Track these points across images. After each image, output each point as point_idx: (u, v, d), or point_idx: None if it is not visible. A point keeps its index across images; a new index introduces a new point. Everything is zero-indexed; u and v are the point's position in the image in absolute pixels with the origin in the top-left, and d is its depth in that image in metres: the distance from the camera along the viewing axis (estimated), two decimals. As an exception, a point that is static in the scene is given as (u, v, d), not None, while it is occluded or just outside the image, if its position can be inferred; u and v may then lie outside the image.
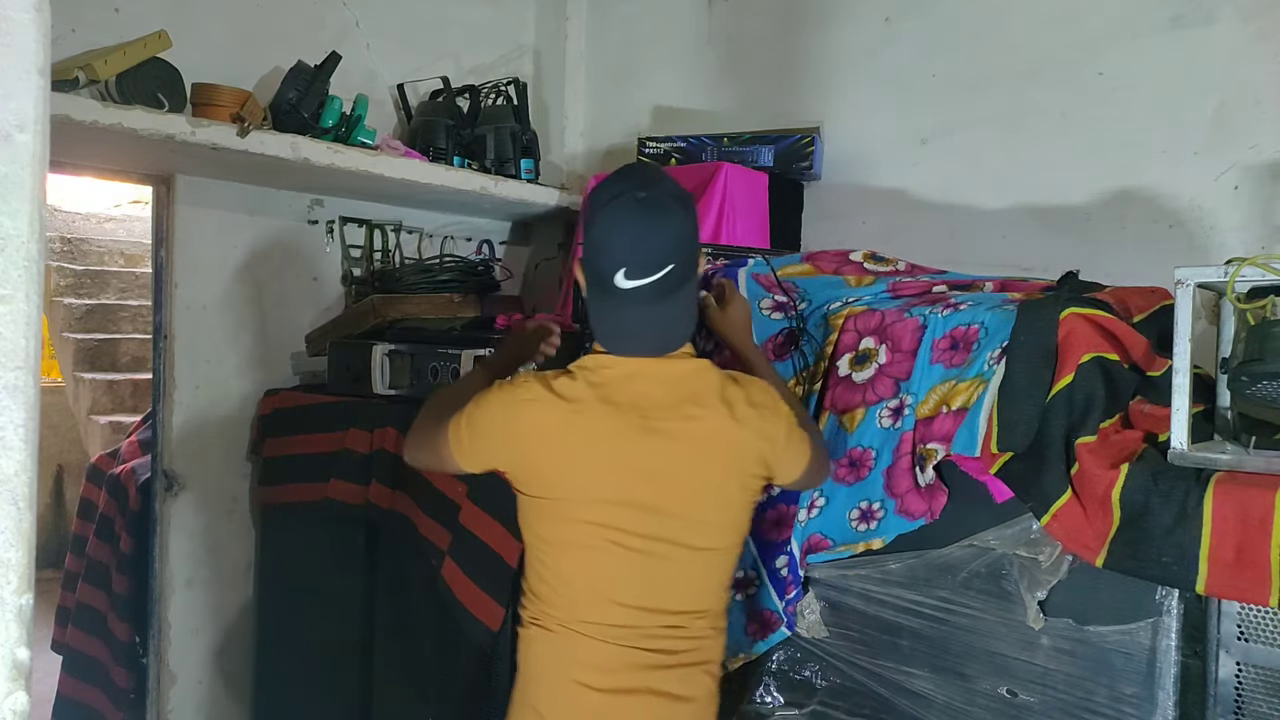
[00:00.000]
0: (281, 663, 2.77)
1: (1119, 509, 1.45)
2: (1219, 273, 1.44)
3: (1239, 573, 1.37)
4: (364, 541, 2.51)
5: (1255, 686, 1.44)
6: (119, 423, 4.85)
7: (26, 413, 0.70)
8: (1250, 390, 1.42)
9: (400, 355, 2.50)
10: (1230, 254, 1.51)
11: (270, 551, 2.81)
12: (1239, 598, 1.41)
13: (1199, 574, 1.40)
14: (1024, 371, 1.54)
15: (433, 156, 2.81)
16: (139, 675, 2.81)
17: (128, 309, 5.70)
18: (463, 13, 3.26)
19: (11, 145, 0.70)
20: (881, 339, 1.80)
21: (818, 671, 1.78)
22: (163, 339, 2.65)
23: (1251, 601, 1.41)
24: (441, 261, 2.93)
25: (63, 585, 3.26)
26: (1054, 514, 1.50)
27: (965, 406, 1.58)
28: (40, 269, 0.72)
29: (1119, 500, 1.45)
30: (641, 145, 2.93)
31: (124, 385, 5.22)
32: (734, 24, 3.06)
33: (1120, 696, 1.52)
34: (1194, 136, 2.23)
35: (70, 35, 2.23)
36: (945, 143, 2.60)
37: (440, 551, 2.23)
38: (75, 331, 5.39)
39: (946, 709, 1.68)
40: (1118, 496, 1.45)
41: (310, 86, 2.51)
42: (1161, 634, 1.48)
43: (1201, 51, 2.22)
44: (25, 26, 0.70)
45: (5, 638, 0.69)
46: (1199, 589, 1.41)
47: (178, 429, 2.66)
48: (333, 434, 2.54)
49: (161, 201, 2.64)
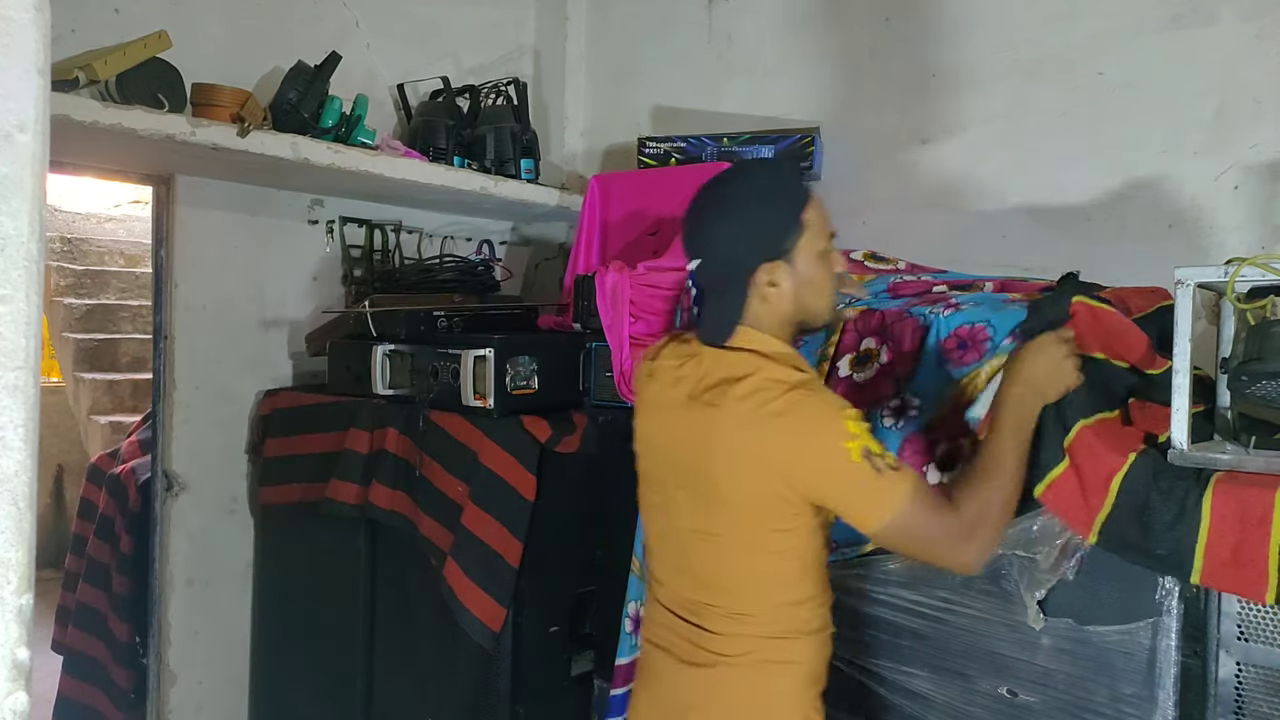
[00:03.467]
0: (281, 663, 2.77)
1: (1114, 494, 1.45)
2: (1219, 273, 1.44)
3: (1236, 570, 1.37)
4: (364, 542, 2.51)
5: (1255, 686, 1.44)
6: (119, 423, 4.85)
7: (26, 413, 0.70)
8: (1250, 390, 1.42)
9: (400, 355, 2.50)
10: (1230, 254, 1.51)
11: (270, 551, 2.80)
12: (1235, 591, 1.41)
13: (1194, 567, 1.41)
14: None
15: (433, 156, 2.81)
16: (139, 675, 2.81)
17: (128, 309, 5.69)
18: (463, 13, 3.26)
19: (11, 145, 0.70)
20: (882, 339, 1.80)
21: (818, 671, 1.78)
22: (163, 339, 2.65)
23: (1248, 597, 1.41)
24: (441, 261, 2.93)
25: (63, 585, 3.26)
26: (1049, 484, 1.50)
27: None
28: (40, 269, 0.72)
29: (1118, 486, 1.45)
30: (641, 145, 2.93)
31: (124, 385, 5.22)
32: (734, 24, 3.06)
33: (1120, 696, 1.52)
34: (1194, 136, 2.23)
35: (70, 35, 2.22)
36: (945, 143, 2.60)
37: (442, 552, 2.23)
38: (75, 331, 5.38)
39: (947, 709, 1.68)
40: (1118, 483, 1.46)
41: (310, 86, 2.51)
42: (1161, 634, 1.49)
43: (1201, 51, 2.22)
44: (25, 26, 0.70)
45: (5, 638, 0.69)
46: (1194, 579, 1.42)
47: (178, 429, 2.66)
48: (333, 434, 2.54)
49: (161, 201, 2.64)
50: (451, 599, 2.18)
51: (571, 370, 2.40)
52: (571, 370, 2.40)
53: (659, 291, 2.27)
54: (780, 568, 1.44)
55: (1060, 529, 1.55)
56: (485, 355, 2.24)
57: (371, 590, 2.51)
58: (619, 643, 2.06)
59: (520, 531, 2.18)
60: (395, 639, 2.46)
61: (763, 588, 1.45)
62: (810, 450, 1.35)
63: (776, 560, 1.44)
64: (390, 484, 2.40)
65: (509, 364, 2.27)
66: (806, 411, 1.35)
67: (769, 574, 1.45)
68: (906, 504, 1.32)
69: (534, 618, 2.25)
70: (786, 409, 1.34)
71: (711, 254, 1.46)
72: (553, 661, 2.33)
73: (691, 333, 1.55)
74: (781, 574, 1.45)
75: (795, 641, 1.45)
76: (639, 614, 2.01)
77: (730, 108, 3.04)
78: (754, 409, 1.36)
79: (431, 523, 2.28)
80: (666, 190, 2.69)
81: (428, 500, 2.29)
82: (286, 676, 2.76)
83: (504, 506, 2.18)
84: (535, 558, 2.20)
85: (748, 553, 1.44)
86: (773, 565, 1.44)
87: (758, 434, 1.36)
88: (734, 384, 1.39)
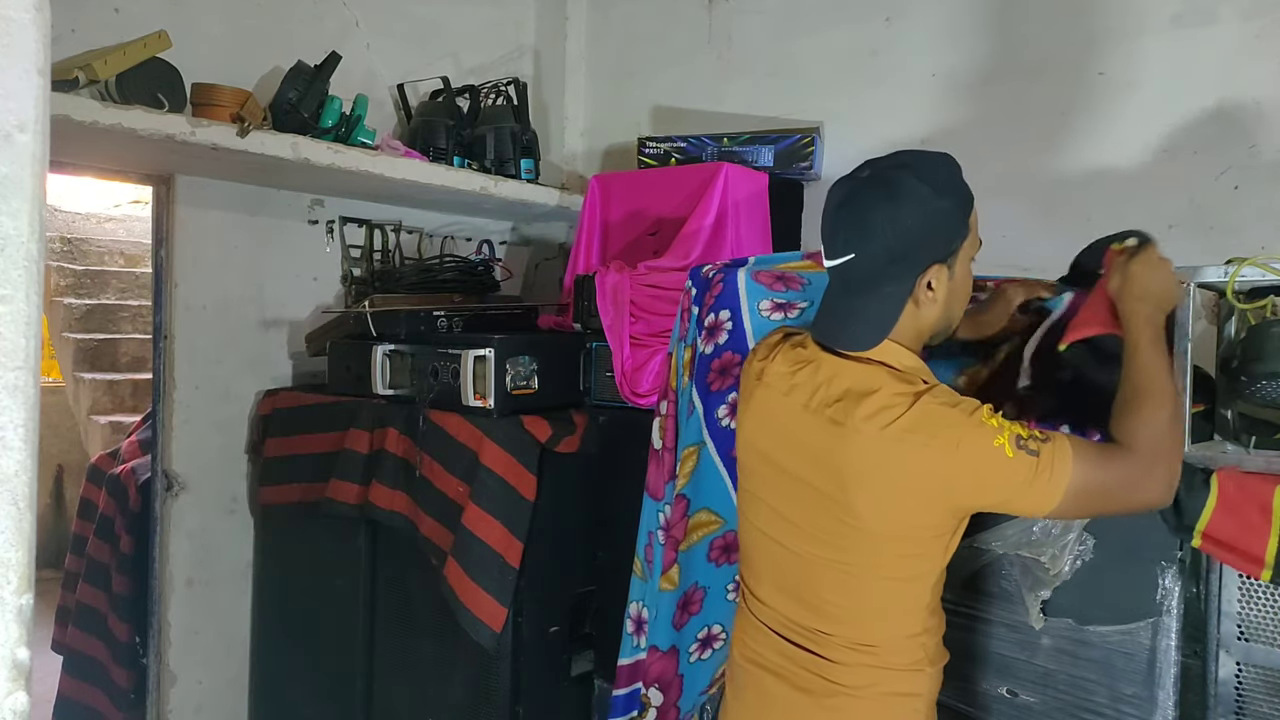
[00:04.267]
0: (281, 663, 2.77)
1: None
2: (1219, 273, 1.44)
3: (1239, 533, 1.40)
4: (364, 542, 2.51)
5: (1255, 686, 1.44)
6: (119, 423, 4.85)
7: (26, 413, 0.70)
8: (1250, 390, 1.42)
9: (400, 355, 2.50)
10: (1230, 254, 1.51)
11: (270, 551, 2.81)
12: (1233, 557, 1.43)
13: (1198, 528, 1.43)
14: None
15: (433, 156, 2.81)
16: (139, 675, 2.81)
17: (128, 309, 5.69)
18: (463, 13, 3.26)
19: (11, 145, 0.70)
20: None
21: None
22: (163, 339, 2.65)
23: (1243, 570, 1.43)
24: (441, 261, 2.93)
25: (63, 585, 3.26)
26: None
27: None
28: (40, 269, 0.72)
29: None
30: (641, 145, 2.93)
31: (124, 385, 5.22)
32: (734, 24, 3.06)
33: (1120, 696, 1.52)
34: (1194, 136, 2.23)
35: (70, 35, 2.22)
36: (945, 143, 2.59)
37: (442, 552, 2.23)
38: (75, 331, 5.38)
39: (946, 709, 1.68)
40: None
41: (310, 86, 2.51)
42: (1161, 634, 1.49)
43: (1201, 51, 2.22)
44: (25, 26, 0.70)
45: (5, 638, 0.69)
46: (1195, 542, 1.44)
47: (178, 429, 2.66)
48: (333, 434, 2.54)
49: (161, 201, 2.64)
50: (452, 599, 2.18)
51: (571, 370, 2.41)
52: (571, 370, 2.41)
53: (660, 292, 2.27)
54: (909, 597, 1.36)
55: (1063, 529, 1.55)
56: (485, 355, 2.24)
57: (371, 590, 2.51)
58: (621, 643, 2.06)
59: (521, 531, 2.18)
60: (395, 639, 2.46)
61: (890, 618, 1.36)
62: (963, 463, 1.24)
63: (906, 588, 1.35)
64: (390, 484, 2.40)
65: (509, 364, 2.26)
66: (944, 422, 1.24)
67: (898, 604, 1.36)
68: (1074, 471, 1.23)
69: (534, 618, 2.25)
70: (920, 424, 1.24)
71: (872, 248, 1.29)
72: (553, 661, 2.33)
73: (804, 333, 1.44)
74: (909, 604, 1.36)
75: (918, 675, 1.37)
76: (640, 615, 2.00)
77: (730, 108, 3.04)
78: (885, 428, 1.25)
79: (432, 523, 2.28)
80: (666, 190, 2.69)
81: (428, 500, 2.29)
82: (286, 676, 2.76)
83: (504, 506, 2.18)
84: (535, 558, 2.20)
85: (880, 580, 1.34)
86: (903, 593, 1.36)
87: (898, 456, 1.25)
88: (860, 400, 1.28)
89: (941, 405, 1.26)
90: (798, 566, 1.39)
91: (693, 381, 1.93)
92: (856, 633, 1.35)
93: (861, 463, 1.28)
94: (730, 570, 1.95)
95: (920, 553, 1.33)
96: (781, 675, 1.41)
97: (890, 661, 1.35)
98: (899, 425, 1.25)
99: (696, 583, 1.95)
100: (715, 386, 1.90)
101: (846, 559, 1.34)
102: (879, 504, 1.29)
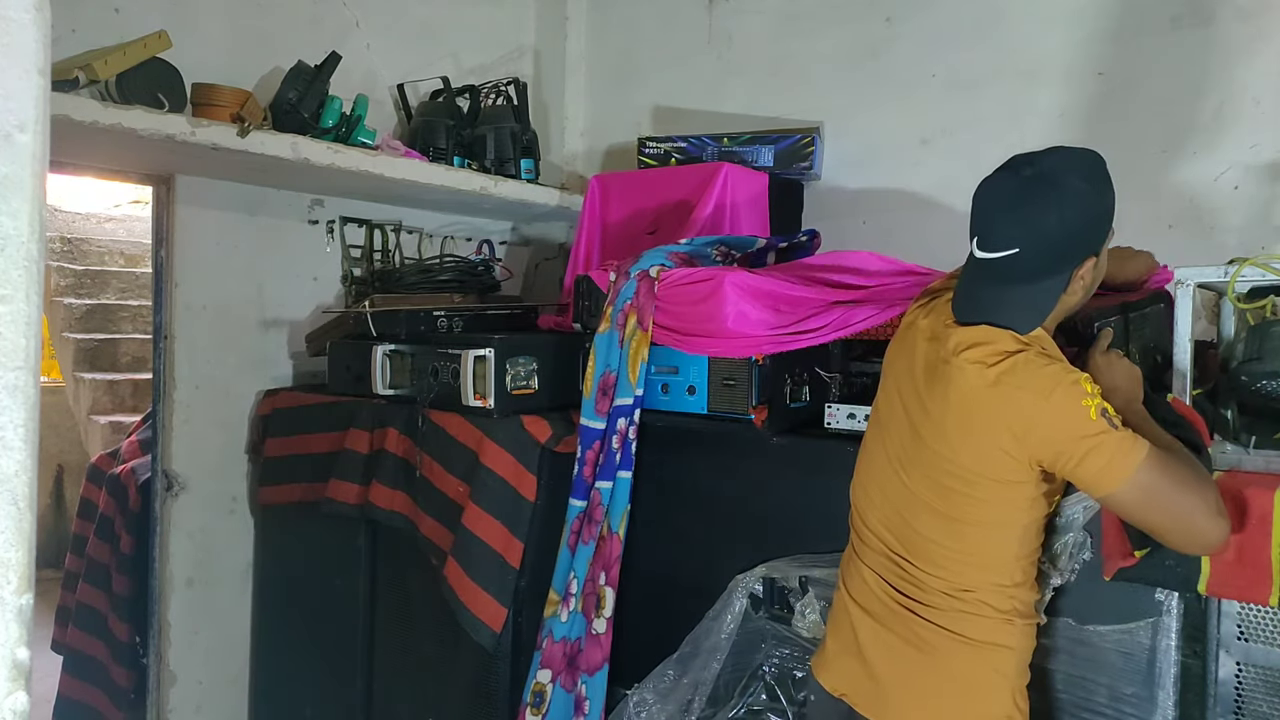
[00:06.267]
0: (281, 663, 2.77)
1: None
2: (1219, 273, 1.44)
3: (1239, 570, 1.37)
4: (364, 541, 2.51)
5: (1255, 686, 1.44)
6: (119, 423, 4.85)
7: (26, 413, 0.70)
8: (1250, 390, 1.42)
9: (400, 355, 2.50)
10: (1230, 254, 1.51)
11: (270, 551, 2.80)
12: (1239, 597, 1.41)
13: (1201, 575, 1.40)
14: None
15: (433, 156, 2.81)
16: (139, 675, 2.81)
17: (128, 309, 5.69)
18: (463, 13, 3.26)
19: (11, 145, 0.70)
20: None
21: (818, 671, 1.78)
22: (163, 339, 2.65)
23: (1251, 601, 1.41)
24: (441, 261, 2.93)
25: (63, 585, 3.26)
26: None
27: None
28: (40, 269, 0.72)
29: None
30: (641, 145, 2.93)
31: (124, 385, 5.22)
32: (734, 24, 3.06)
33: (1120, 696, 1.52)
34: (1194, 136, 2.23)
35: (70, 35, 2.22)
36: (945, 143, 2.60)
37: (442, 552, 2.23)
38: (75, 331, 5.38)
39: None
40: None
41: (310, 86, 2.51)
42: (1161, 634, 1.49)
43: (1201, 51, 2.22)
44: (25, 26, 0.70)
45: (5, 638, 0.69)
46: (1200, 589, 1.41)
47: (178, 429, 2.66)
48: (333, 434, 2.54)
49: (161, 201, 2.64)
50: (452, 599, 2.18)
51: (571, 370, 2.40)
52: (571, 370, 2.40)
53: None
54: (996, 543, 1.42)
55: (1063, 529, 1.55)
56: (485, 355, 2.24)
57: (371, 590, 2.51)
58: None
59: (521, 531, 2.18)
60: (395, 639, 2.46)
61: (980, 563, 1.42)
62: (1050, 411, 1.30)
63: (993, 535, 1.42)
64: (390, 484, 2.39)
65: (509, 364, 2.26)
66: (1043, 373, 1.32)
67: (985, 549, 1.42)
68: (1145, 464, 1.27)
69: (534, 618, 2.25)
70: (1019, 369, 1.33)
71: (1040, 246, 1.35)
72: (553, 661, 2.32)
73: (947, 302, 1.48)
74: (997, 550, 1.42)
75: (1008, 626, 1.43)
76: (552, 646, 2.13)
77: (730, 108, 3.04)
78: (988, 369, 1.34)
79: (432, 523, 2.28)
80: (667, 190, 2.69)
81: (428, 500, 2.29)
82: (286, 676, 2.75)
83: (505, 506, 2.18)
84: (536, 558, 2.20)
85: (969, 525, 1.41)
86: (990, 540, 1.42)
87: (993, 395, 1.34)
88: (973, 346, 1.37)
89: (1045, 359, 1.34)
90: (904, 499, 1.48)
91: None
92: (950, 574, 1.43)
93: (959, 397, 1.37)
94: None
95: (1003, 498, 1.39)
96: (879, 619, 1.50)
97: (981, 609, 1.42)
98: (1000, 368, 1.33)
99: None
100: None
101: (942, 498, 1.42)
102: (969, 437, 1.37)
